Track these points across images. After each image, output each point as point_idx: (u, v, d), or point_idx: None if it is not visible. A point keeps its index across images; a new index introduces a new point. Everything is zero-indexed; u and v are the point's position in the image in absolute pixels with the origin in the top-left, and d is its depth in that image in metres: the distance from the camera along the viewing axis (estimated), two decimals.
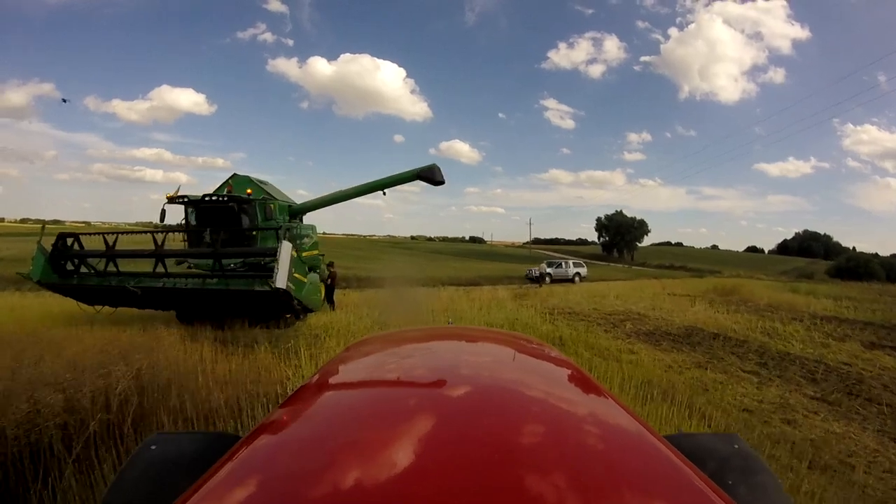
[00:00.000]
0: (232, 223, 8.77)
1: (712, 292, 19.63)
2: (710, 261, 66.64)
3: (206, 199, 8.78)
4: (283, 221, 10.03)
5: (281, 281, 6.71)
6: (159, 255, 7.79)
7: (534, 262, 56.15)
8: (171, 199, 8.83)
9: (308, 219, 11.40)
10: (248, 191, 9.09)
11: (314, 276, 9.19)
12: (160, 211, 9.10)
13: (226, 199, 8.81)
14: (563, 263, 27.36)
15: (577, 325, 10.18)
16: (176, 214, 13.47)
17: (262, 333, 7.50)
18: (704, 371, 7.11)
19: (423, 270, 27.32)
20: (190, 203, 8.97)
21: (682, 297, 17.35)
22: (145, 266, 8.26)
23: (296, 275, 7.19)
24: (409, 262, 38.53)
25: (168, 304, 8.45)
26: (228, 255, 7.84)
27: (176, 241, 8.92)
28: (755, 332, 10.63)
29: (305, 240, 11.41)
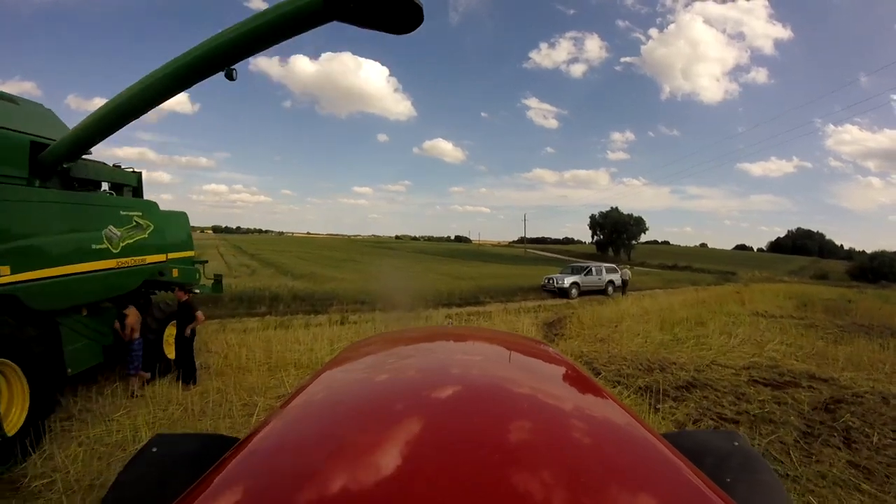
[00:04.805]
0: None
1: (820, 311, 13.76)
2: (702, 259, 62.58)
3: None
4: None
5: None
6: None
7: (532, 263, 50.06)
8: None
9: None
10: None
11: None
12: None
13: None
14: (592, 269, 20.39)
15: (772, 446, 4.08)
16: None
17: None
18: None
19: (411, 279, 20.58)
20: None
21: (798, 326, 11.27)
22: None
23: None
24: (393, 266, 31.99)
25: None
26: None
27: None
28: None
29: (110, 234, 5.06)
